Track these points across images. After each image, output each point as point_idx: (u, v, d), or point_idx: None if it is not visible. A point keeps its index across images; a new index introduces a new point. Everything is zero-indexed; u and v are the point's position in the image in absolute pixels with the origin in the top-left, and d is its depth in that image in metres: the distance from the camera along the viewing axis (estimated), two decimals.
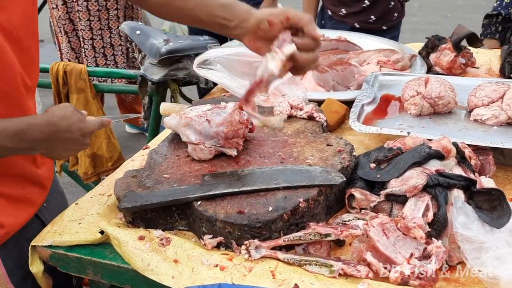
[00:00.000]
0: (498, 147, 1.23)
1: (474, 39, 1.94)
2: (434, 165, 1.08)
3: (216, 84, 1.90)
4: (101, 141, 2.29)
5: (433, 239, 0.95)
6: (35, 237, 1.07)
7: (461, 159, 1.13)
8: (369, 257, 0.92)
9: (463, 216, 0.95)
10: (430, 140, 1.16)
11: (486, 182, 1.08)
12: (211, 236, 1.01)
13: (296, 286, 0.88)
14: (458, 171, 1.10)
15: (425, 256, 0.92)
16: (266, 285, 0.89)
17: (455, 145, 1.13)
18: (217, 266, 0.94)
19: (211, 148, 1.18)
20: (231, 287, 0.89)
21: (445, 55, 1.86)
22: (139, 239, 1.01)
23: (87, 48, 3.13)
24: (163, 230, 1.05)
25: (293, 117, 1.39)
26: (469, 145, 1.18)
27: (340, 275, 0.91)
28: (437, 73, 1.80)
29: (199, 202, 1.03)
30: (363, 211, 1.07)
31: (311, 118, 1.38)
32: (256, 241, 0.96)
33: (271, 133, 1.32)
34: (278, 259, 0.95)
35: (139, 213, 1.06)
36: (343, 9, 2.65)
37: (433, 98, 1.40)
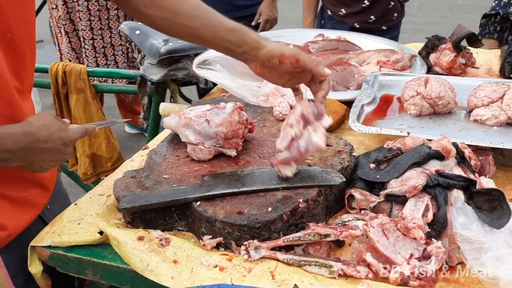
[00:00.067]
0: (498, 147, 1.22)
1: (474, 39, 1.93)
2: (434, 165, 1.08)
3: (215, 84, 1.90)
4: (100, 141, 2.29)
5: (433, 239, 0.95)
6: None
7: (461, 159, 1.13)
8: (368, 257, 0.92)
9: (463, 216, 0.95)
10: (430, 140, 1.16)
11: (486, 182, 1.08)
12: (211, 236, 1.00)
13: (296, 287, 0.88)
14: (458, 171, 1.09)
15: (425, 257, 0.92)
16: (266, 286, 0.89)
17: (455, 145, 1.13)
18: (216, 266, 0.94)
19: (210, 149, 1.18)
20: (231, 287, 0.88)
21: (445, 55, 1.85)
22: (138, 240, 1.01)
23: (87, 48, 3.13)
24: (163, 231, 1.05)
25: None
26: (469, 146, 1.18)
27: (339, 275, 0.91)
28: (437, 73, 1.79)
29: (198, 203, 1.03)
30: (362, 211, 1.07)
31: None
32: (255, 241, 0.96)
33: (271, 133, 1.31)
34: (278, 260, 0.95)
35: (139, 214, 1.06)
36: (342, 9, 2.65)
37: (433, 98, 1.40)
